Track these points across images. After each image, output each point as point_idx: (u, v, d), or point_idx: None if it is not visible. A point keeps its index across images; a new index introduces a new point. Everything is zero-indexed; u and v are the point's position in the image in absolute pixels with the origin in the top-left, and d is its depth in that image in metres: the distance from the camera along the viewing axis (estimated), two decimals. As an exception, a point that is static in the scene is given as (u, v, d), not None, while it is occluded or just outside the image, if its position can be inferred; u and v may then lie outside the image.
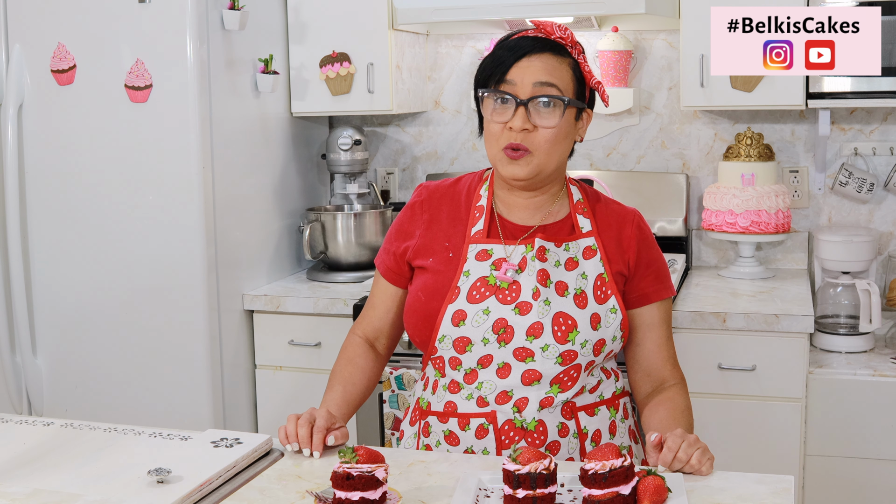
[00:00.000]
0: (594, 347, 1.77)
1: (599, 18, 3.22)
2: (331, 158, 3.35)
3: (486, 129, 1.80)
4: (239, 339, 3.01)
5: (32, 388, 3.01)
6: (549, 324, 1.75)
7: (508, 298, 1.77)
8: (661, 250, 1.91)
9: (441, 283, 1.81)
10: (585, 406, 1.80)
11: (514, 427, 1.76)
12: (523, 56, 1.75)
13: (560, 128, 1.77)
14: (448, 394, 1.82)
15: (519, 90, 1.74)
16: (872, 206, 3.17)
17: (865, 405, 2.65)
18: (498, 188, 1.87)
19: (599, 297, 1.79)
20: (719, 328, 2.70)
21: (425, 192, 1.92)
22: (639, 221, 1.88)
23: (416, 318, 1.84)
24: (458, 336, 1.78)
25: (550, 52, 1.76)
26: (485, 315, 1.77)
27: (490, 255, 1.81)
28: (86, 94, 2.85)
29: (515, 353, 1.76)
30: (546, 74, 1.75)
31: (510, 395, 1.76)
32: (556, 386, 1.77)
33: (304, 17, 3.20)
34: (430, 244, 1.86)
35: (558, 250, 1.81)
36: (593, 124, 3.37)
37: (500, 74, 1.76)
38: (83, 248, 2.91)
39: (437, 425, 1.83)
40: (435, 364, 1.85)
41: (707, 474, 1.58)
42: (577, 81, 1.79)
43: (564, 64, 1.77)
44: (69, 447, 1.73)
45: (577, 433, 1.79)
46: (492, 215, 1.85)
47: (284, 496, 1.55)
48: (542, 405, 1.76)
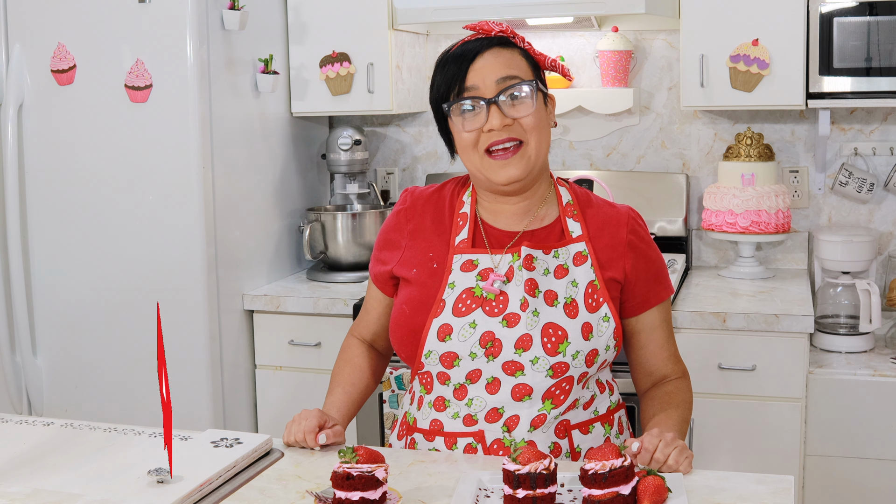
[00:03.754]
0: (586, 358, 1.72)
1: (599, 18, 3.22)
2: (331, 158, 3.34)
3: (460, 143, 1.74)
4: (239, 339, 3.01)
5: (32, 388, 3.01)
6: (538, 335, 1.70)
7: (496, 310, 1.72)
8: (658, 249, 1.85)
9: (426, 296, 1.76)
10: (580, 424, 1.76)
11: (503, 446, 1.71)
12: (475, 57, 1.71)
13: (538, 112, 1.72)
14: (433, 412, 1.77)
15: (483, 91, 1.70)
16: (872, 206, 3.17)
17: (865, 405, 2.65)
18: (482, 196, 1.81)
19: (591, 306, 1.74)
20: (719, 328, 2.69)
21: (409, 198, 1.86)
22: (633, 223, 1.81)
23: (401, 332, 1.79)
24: (445, 351, 1.72)
25: (499, 47, 1.73)
26: (471, 328, 1.71)
27: (475, 265, 1.75)
28: (86, 94, 2.85)
29: (504, 367, 1.70)
30: (504, 68, 1.71)
31: (501, 413, 1.71)
32: (549, 402, 1.71)
33: (304, 17, 3.20)
34: (415, 255, 1.81)
35: (547, 258, 1.75)
36: (593, 124, 3.38)
37: (459, 83, 1.71)
38: (83, 248, 2.91)
39: (424, 443, 1.78)
40: (422, 379, 1.80)
41: (686, 473, 1.57)
42: (533, 67, 1.75)
43: (516, 54, 1.74)
44: (69, 447, 1.73)
45: (569, 452, 1.74)
46: (476, 222, 1.80)
47: (284, 496, 1.55)
48: (534, 424, 1.71)
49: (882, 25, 2.74)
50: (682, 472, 1.56)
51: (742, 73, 2.90)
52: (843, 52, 2.78)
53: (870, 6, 2.75)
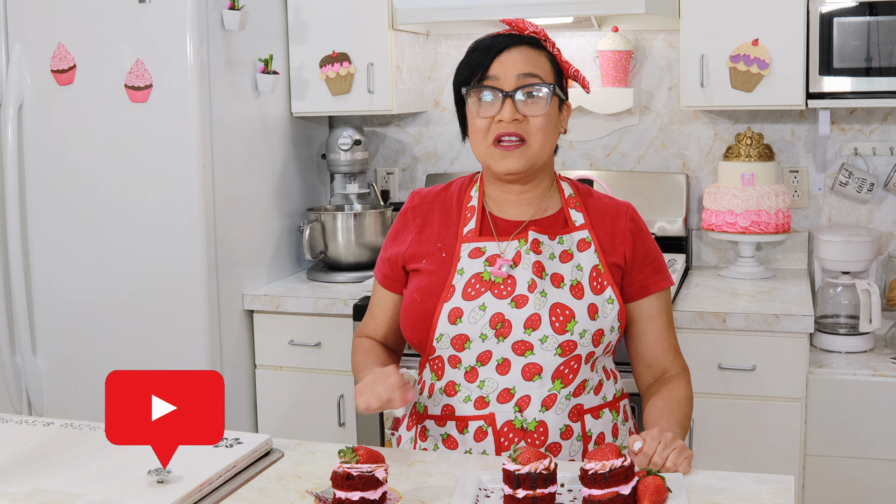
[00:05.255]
0: (593, 337, 1.77)
1: (599, 18, 3.22)
2: (331, 158, 3.35)
3: (472, 127, 1.81)
4: (239, 339, 3.01)
5: (32, 388, 3.01)
6: (546, 315, 1.75)
7: (504, 293, 1.77)
8: (656, 242, 1.92)
9: (436, 283, 1.81)
10: (592, 409, 1.80)
11: (514, 428, 1.75)
12: (503, 50, 1.78)
13: (549, 115, 1.78)
14: (445, 397, 1.82)
15: (503, 83, 1.76)
16: (872, 206, 3.17)
17: (865, 405, 2.65)
18: (489, 187, 1.87)
19: (595, 288, 1.79)
20: (719, 328, 2.69)
21: (417, 197, 1.93)
22: (632, 214, 1.88)
23: (412, 318, 1.84)
24: (456, 334, 1.77)
25: (528, 46, 1.80)
26: (481, 311, 1.77)
27: (483, 252, 1.81)
28: (86, 94, 2.85)
29: (514, 347, 1.76)
30: (527, 66, 1.77)
31: (512, 394, 1.76)
32: (559, 381, 1.76)
33: (304, 17, 3.20)
34: (424, 247, 1.86)
35: (552, 243, 1.82)
36: (593, 124, 3.38)
37: (482, 71, 1.77)
38: (83, 248, 2.91)
39: (435, 429, 1.83)
40: (433, 366, 1.84)
41: (686, 473, 1.57)
42: (556, 73, 1.82)
43: (542, 56, 1.80)
44: (69, 447, 1.73)
45: (581, 436, 1.79)
46: (483, 214, 1.86)
47: (284, 496, 1.55)
48: (545, 404, 1.75)
49: (882, 25, 2.74)
50: (682, 472, 1.57)
51: (742, 73, 2.90)
52: (843, 52, 2.78)
53: (870, 6, 2.75)
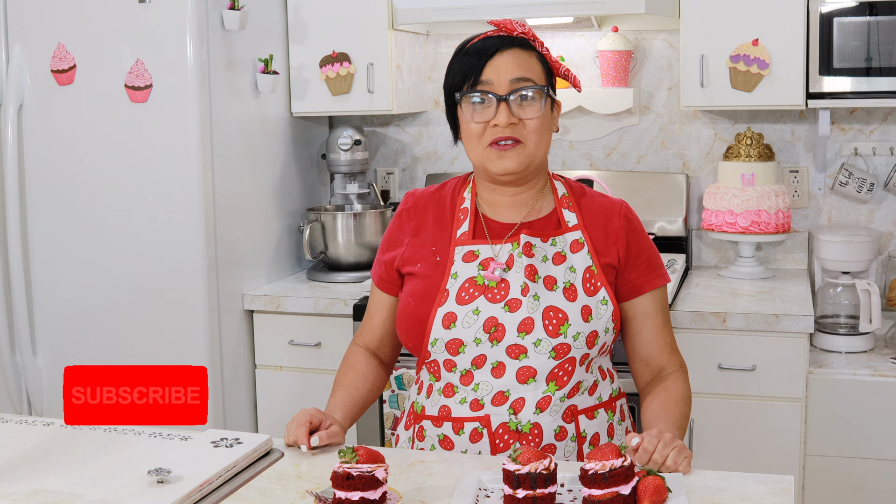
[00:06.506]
0: (587, 339, 1.77)
1: (599, 18, 3.22)
2: (331, 158, 3.34)
3: (466, 132, 1.81)
4: (239, 339, 3.01)
5: (32, 388, 3.01)
6: (539, 318, 1.75)
7: (497, 297, 1.77)
8: (650, 240, 1.91)
9: (430, 287, 1.82)
10: (586, 409, 1.80)
11: (509, 430, 1.76)
12: (494, 54, 1.78)
13: (543, 117, 1.79)
14: (442, 398, 1.82)
15: (496, 88, 1.77)
16: (872, 206, 3.17)
17: (865, 405, 2.65)
18: (482, 188, 1.88)
19: (589, 290, 1.79)
20: (719, 328, 2.69)
21: (411, 199, 1.93)
22: (626, 212, 1.88)
23: (407, 323, 1.84)
24: (450, 338, 1.78)
25: (518, 48, 1.80)
26: (475, 315, 1.77)
27: (477, 255, 1.82)
28: (86, 94, 2.85)
29: (508, 351, 1.76)
30: (520, 70, 1.78)
31: (507, 396, 1.76)
32: (553, 383, 1.76)
33: (304, 17, 3.20)
34: (418, 251, 1.87)
35: (545, 245, 1.82)
36: (593, 124, 3.38)
37: (475, 76, 1.78)
38: (83, 248, 2.91)
39: (432, 429, 1.83)
40: (430, 368, 1.85)
41: (685, 473, 1.57)
42: (546, 73, 1.82)
43: (533, 57, 1.81)
44: (69, 447, 1.73)
45: (575, 436, 1.79)
46: (476, 216, 1.86)
47: (284, 496, 1.55)
48: (539, 407, 1.75)
49: (882, 25, 2.74)
50: (682, 472, 1.57)
51: (742, 73, 2.90)
52: (843, 52, 2.78)
53: (870, 6, 2.75)
